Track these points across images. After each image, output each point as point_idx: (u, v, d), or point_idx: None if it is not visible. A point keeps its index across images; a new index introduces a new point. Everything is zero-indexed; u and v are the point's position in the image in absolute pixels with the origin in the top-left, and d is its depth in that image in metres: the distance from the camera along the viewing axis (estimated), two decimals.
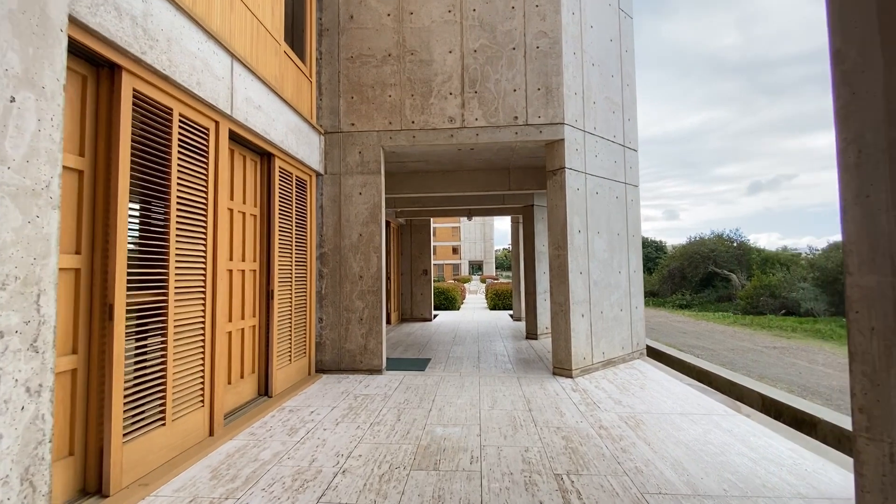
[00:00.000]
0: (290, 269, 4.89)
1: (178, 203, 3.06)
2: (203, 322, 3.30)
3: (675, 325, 11.23)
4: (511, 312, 13.55)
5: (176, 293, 3.02)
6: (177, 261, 3.04)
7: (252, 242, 4.34)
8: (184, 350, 3.09)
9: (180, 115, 3.07)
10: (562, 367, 5.43)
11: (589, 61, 5.91)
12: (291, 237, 4.92)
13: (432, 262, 11.77)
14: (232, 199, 3.93)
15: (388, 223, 10.39)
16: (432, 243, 11.88)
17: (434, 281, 34.24)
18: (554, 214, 5.57)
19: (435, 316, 12.85)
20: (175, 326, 3.00)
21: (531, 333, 8.45)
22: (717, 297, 17.83)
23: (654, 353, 7.02)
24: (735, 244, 20.62)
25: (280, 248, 4.66)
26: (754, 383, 5.72)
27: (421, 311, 11.52)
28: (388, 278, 10.36)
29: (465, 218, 10.12)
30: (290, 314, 4.87)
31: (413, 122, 5.59)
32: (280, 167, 4.66)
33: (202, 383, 3.28)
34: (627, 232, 6.53)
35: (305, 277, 5.29)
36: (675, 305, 17.65)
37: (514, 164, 6.80)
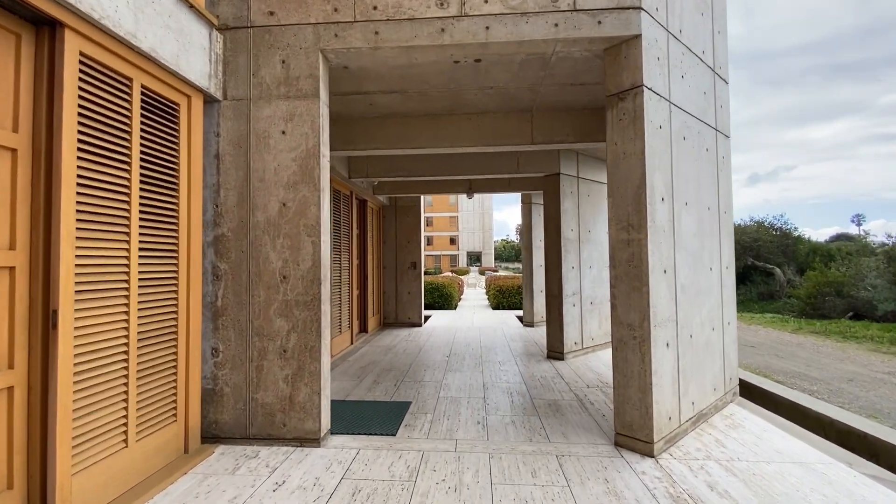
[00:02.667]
0: (127, 266, 2.52)
1: None
2: None
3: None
4: (519, 314, 11.23)
5: None
6: None
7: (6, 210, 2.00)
8: None
9: None
10: (633, 437, 3.11)
11: None
12: (131, 204, 2.55)
13: (423, 252, 9.41)
14: None
15: (364, 202, 8.01)
16: (423, 230, 9.51)
17: (427, 273, 32.15)
18: (621, 170, 3.21)
19: (426, 319, 10.53)
20: None
21: (554, 351, 6.13)
22: (757, 295, 15.51)
23: (745, 389, 4.73)
24: (778, 233, 18.21)
25: (87, 222, 2.29)
26: None
27: (408, 313, 9.19)
28: (364, 275, 8.01)
29: (465, 195, 7.78)
30: (128, 350, 2.51)
31: (376, 8, 3.19)
32: (91, 58, 2.28)
33: None
34: (719, 206, 4.18)
35: (175, 280, 2.93)
36: None
37: (542, 99, 4.41)
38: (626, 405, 3.17)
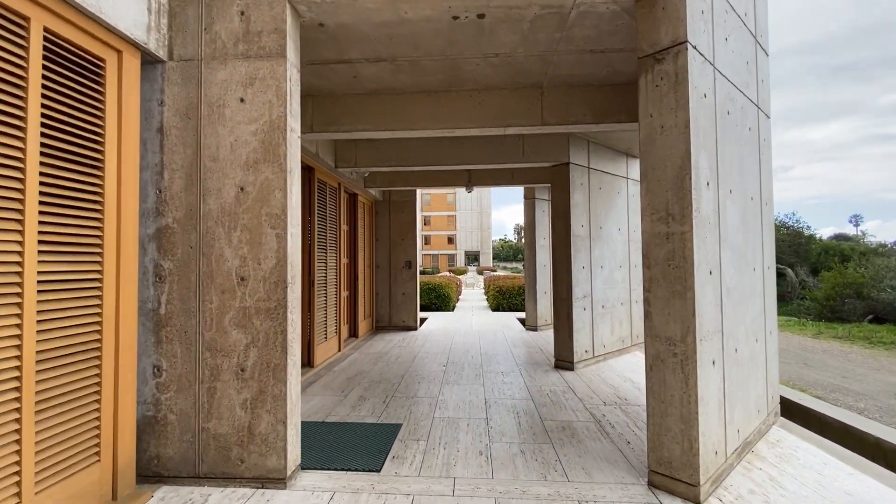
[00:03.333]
0: (19, 265, 1.91)
1: None
2: None
3: None
4: (521, 316, 10.64)
5: None
6: None
7: None
8: None
9: None
10: (673, 477, 2.51)
11: None
12: (25, 184, 1.93)
13: (421, 251, 8.77)
14: None
15: (354, 196, 7.39)
16: (419, 227, 8.91)
17: (424, 273, 31.61)
18: (658, 148, 2.61)
19: (422, 322, 9.93)
20: None
21: (563, 360, 5.54)
22: None
23: (784, 407, 4.14)
24: (790, 231, 17.54)
25: None
26: None
27: (403, 316, 8.58)
28: (354, 275, 7.40)
29: (464, 189, 7.18)
30: (21, 375, 1.90)
31: None
32: None
33: None
34: (761, 196, 3.59)
35: (99, 282, 2.31)
36: None
37: (555, 71, 3.78)
38: (663, 437, 2.57)
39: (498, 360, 6.00)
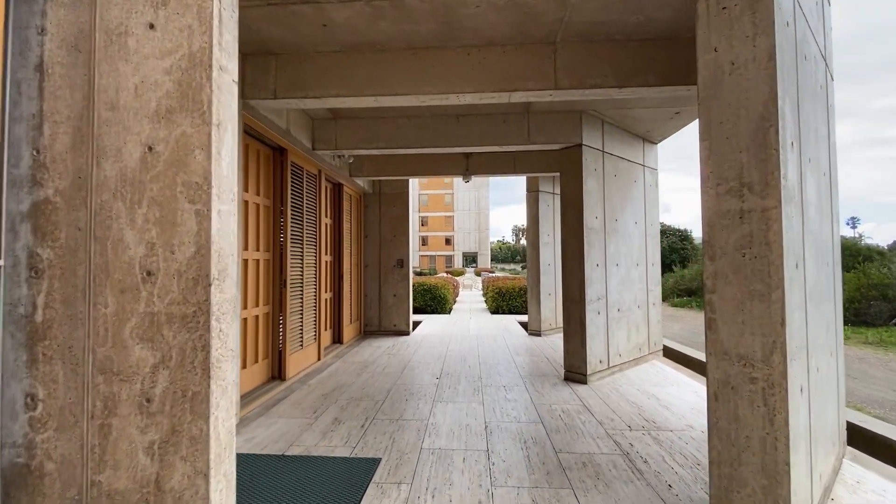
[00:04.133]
0: None
1: None
2: None
3: None
4: (522, 320, 9.91)
5: None
6: None
7: None
8: None
9: None
10: None
11: None
12: None
13: (417, 251, 8.05)
14: None
15: (338, 187, 6.67)
16: (412, 223, 8.20)
17: (420, 274, 30.85)
18: (726, 91, 1.89)
19: (416, 325, 9.19)
20: None
21: (575, 371, 4.82)
22: None
23: (856, 435, 3.42)
24: None
25: None
26: None
27: (394, 319, 7.84)
28: (338, 275, 6.66)
29: (461, 178, 6.46)
30: None
31: None
32: None
33: None
34: (830, 171, 2.88)
35: None
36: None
37: (573, 19, 3.00)
38: (733, 495, 1.84)
39: (499, 371, 5.27)
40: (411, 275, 8.04)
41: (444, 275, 28.25)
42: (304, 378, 4.93)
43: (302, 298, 5.10)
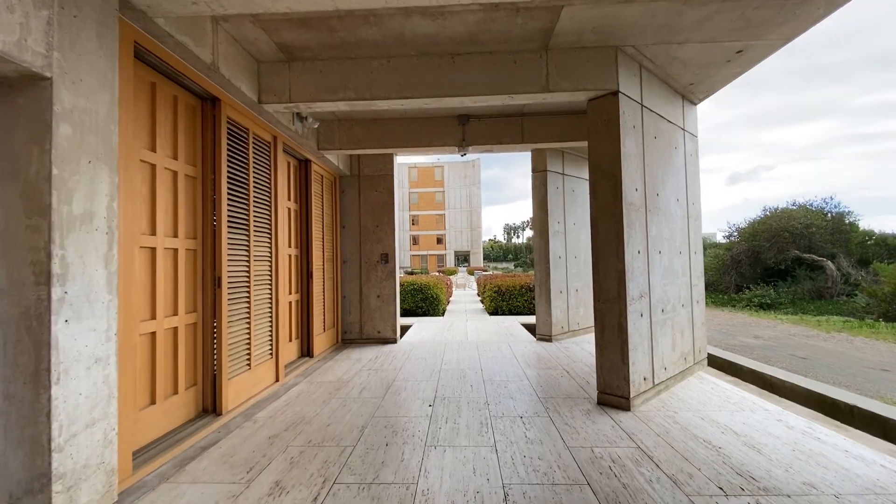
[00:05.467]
0: None
1: None
2: None
3: (842, 355, 6.37)
4: (527, 322, 8.72)
5: None
6: None
7: None
8: None
9: None
10: None
11: None
12: None
13: (400, 240, 6.79)
14: None
15: (305, 164, 5.40)
16: (398, 212, 6.91)
17: (412, 273, 29.60)
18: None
19: (405, 330, 7.96)
20: None
21: (614, 394, 3.63)
22: (808, 293, 12.93)
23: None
24: (831, 218, 15.66)
25: None
26: None
27: (377, 325, 6.60)
28: (306, 272, 5.41)
29: (457, 152, 5.24)
30: None
31: None
32: None
33: None
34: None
35: None
36: (750, 305, 12.68)
37: None
38: None
39: (510, 392, 4.07)
40: (398, 272, 6.81)
41: (437, 273, 27.00)
42: (250, 409, 3.67)
43: (249, 303, 3.84)
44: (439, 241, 59.79)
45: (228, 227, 3.56)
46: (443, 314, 10.56)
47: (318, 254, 5.72)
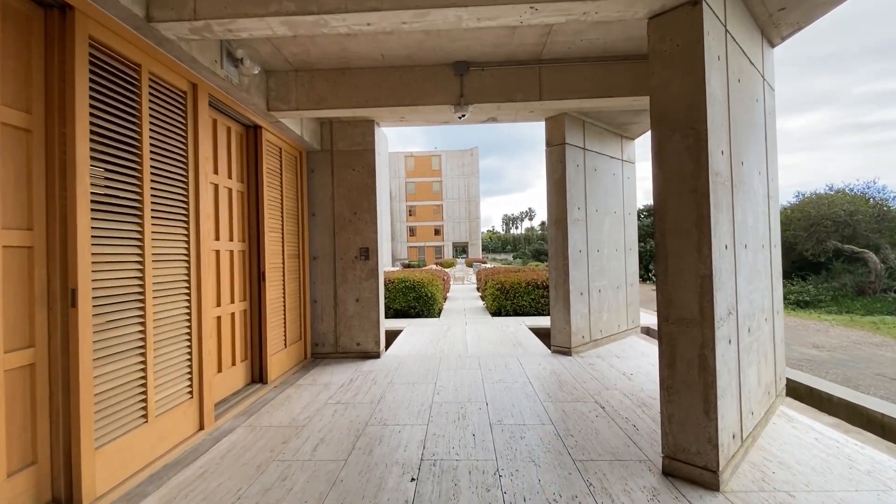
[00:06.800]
0: None
1: None
2: None
3: None
4: (535, 325, 7.49)
5: None
6: None
7: None
8: None
9: None
10: None
11: None
12: None
13: (383, 230, 5.52)
14: None
15: (254, 130, 4.11)
16: (381, 196, 5.60)
17: (408, 266, 28.24)
18: None
19: (395, 336, 6.73)
20: None
21: (692, 462, 2.40)
22: (850, 288, 11.54)
23: None
24: (875, 205, 14.16)
25: None
26: None
27: (356, 335, 5.36)
28: (257, 273, 4.15)
29: (453, 112, 3.97)
30: None
31: None
32: None
33: None
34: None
35: None
36: (786, 302, 11.25)
37: None
38: None
39: (530, 449, 2.84)
40: (381, 270, 5.54)
41: (434, 266, 25.75)
42: (141, 487, 2.43)
43: (142, 324, 2.58)
44: (437, 232, 58.44)
45: (94, 209, 2.29)
46: (438, 314, 9.33)
47: (275, 248, 4.45)
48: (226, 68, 3.16)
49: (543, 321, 7.91)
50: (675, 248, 2.44)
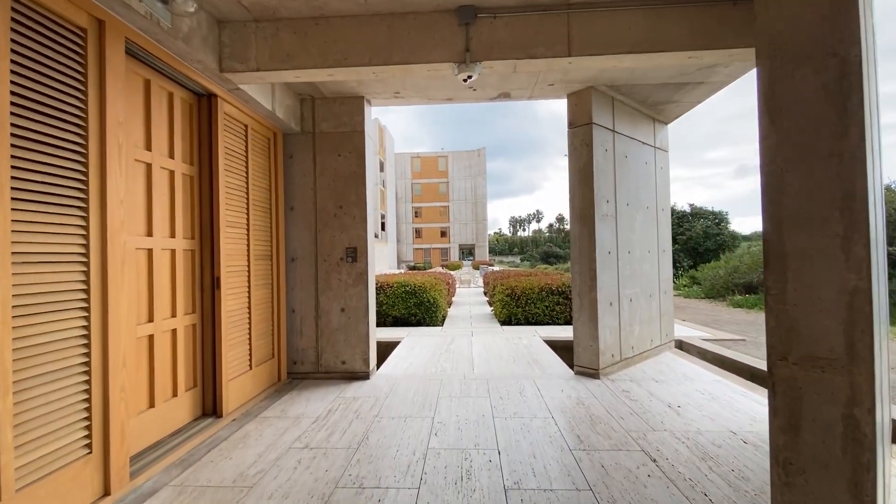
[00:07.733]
0: None
1: None
2: None
3: None
4: (550, 337, 6.58)
5: None
6: None
7: None
8: None
9: None
10: None
11: None
12: None
13: (373, 221, 4.68)
14: None
15: (209, 99, 3.28)
16: (371, 186, 4.75)
17: (414, 268, 27.47)
18: None
19: (390, 350, 5.87)
20: None
21: None
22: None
23: None
24: None
25: None
26: None
27: (342, 352, 4.51)
28: (210, 278, 3.31)
29: (457, 73, 3.14)
30: None
31: None
32: None
33: None
34: None
35: None
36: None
37: None
38: None
39: None
40: (372, 274, 4.69)
41: (440, 269, 24.89)
42: None
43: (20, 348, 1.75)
44: (443, 234, 57.59)
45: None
46: (442, 322, 8.45)
47: (237, 248, 3.62)
48: (147, 2, 2.33)
49: (560, 331, 7.01)
50: (799, 246, 1.56)
